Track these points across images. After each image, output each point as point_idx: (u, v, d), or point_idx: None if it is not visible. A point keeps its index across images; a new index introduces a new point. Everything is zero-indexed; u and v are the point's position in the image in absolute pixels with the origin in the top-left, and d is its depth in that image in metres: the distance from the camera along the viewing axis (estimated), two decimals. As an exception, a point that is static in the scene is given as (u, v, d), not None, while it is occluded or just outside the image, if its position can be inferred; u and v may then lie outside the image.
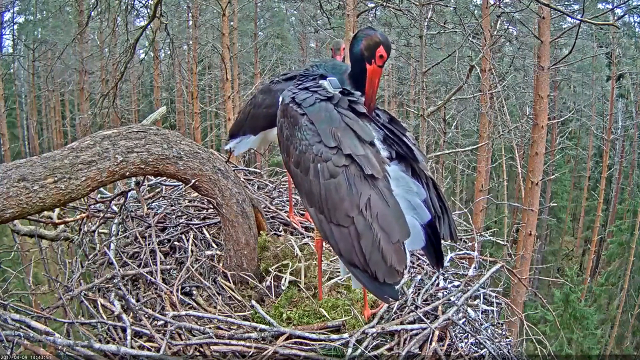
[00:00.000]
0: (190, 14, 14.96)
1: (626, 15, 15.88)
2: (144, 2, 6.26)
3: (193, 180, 2.58)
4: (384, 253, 1.84)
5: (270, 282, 2.77)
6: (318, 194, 1.99)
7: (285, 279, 2.73)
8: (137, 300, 2.47)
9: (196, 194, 3.08)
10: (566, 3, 15.37)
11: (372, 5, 9.53)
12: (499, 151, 15.11)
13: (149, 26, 5.89)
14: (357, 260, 1.88)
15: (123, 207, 3.09)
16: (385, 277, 1.85)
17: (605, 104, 20.03)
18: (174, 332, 2.24)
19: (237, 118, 3.70)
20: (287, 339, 2.22)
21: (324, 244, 2.37)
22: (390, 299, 2.07)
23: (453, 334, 2.45)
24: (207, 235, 3.07)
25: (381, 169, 1.95)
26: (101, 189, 2.88)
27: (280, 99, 2.30)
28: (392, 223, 1.87)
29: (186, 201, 3.47)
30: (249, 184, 3.86)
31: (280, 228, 3.41)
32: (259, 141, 3.53)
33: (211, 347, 2.18)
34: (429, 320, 2.37)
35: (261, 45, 20.05)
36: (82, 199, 2.65)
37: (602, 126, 19.62)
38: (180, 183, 3.00)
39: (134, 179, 2.94)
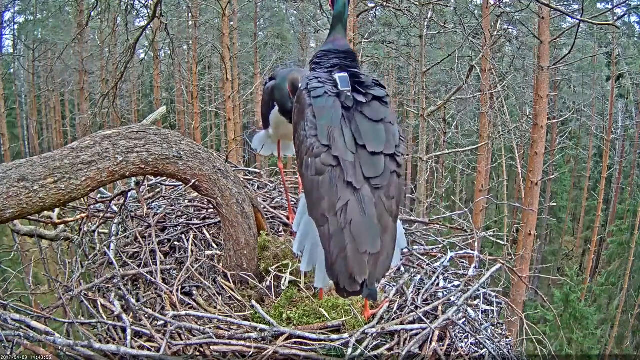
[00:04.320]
0: (190, 14, 14.95)
1: (626, 15, 15.88)
2: (144, 2, 6.24)
3: (193, 180, 2.58)
4: (348, 261, 1.83)
5: (270, 282, 2.76)
6: (305, 188, 2.01)
7: (285, 279, 2.73)
8: (137, 300, 2.47)
9: (196, 194, 3.08)
10: (566, 3, 15.35)
11: (372, 5, 9.53)
12: (499, 151, 15.10)
13: (149, 26, 5.88)
14: (327, 260, 1.90)
15: (123, 207, 3.09)
16: (345, 284, 1.85)
17: (605, 104, 20.02)
18: (174, 332, 2.23)
19: None
20: (287, 339, 2.22)
21: None
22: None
23: (453, 334, 2.45)
24: (207, 235, 3.06)
25: (364, 180, 1.93)
26: (101, 189, 2.88)
27: (300, 84, 2.29)
28: (363, 233, 1.85)
29: (186, 201, 3.47)
30: (249, 184, 3.86)
31: (280, 228, 3.41)
32: (272, 133, 3.55)
33: (211, 347, 2.18)
34: (429, 320, 2.37)
35: (261, 45, 20.05)
36: (82, 199, 2.65)
37: (602, 126, 19.62)
38: (180, 183, 3.00)
39: (134, 179, 2.95)
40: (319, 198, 1.92)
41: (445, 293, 2.77)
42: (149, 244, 2.83)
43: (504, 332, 2.83)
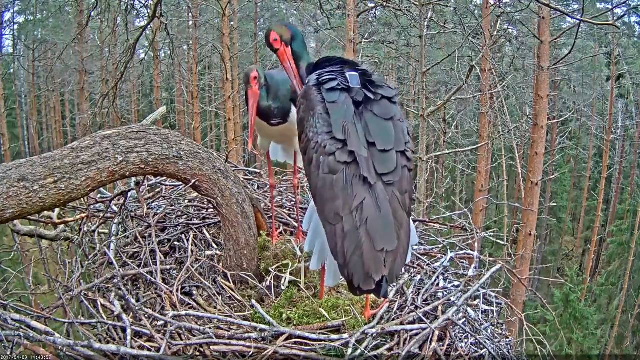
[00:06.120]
0: (190, 14, 14.94)
1: (626, 15, 15.88)
2: (144, 2, 6.24)
3: (193, 180, 2.58)
4: (364, 259, 1.83)
5: (270, 282, 2.77)
6: (315, 186, 2.00)
7: (285, 279, 2.73)
8: (137, 300, 2.47)
9: (196, 194, 3.08)
10: (566, 3, 15.34)
11: (372, 5, 9.53)
12: (499, 151, 15.09)
13: (149, 26, 5.88)
14: (338, 259, 1.90)
15: (123, 207, 3.09)
16: (360, 282, 1.85)
17: (605, 104, 20.01)
18: (174, 332, 2.23)
19: None
20: (287, 339, 2.22)
21: None
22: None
23: (453, 334, 2.45)
24: (207, 235, 3.07)
25: (377, 176, 1.93)
26: (101, 189, 2.88)
27: (307, 80, 2.28)
28: (380, 230, 1.86)
29: (186, 201, 3.47)
30: (249, 184, 3.86)
31: (281, 228, 3.41)
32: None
33: (211, 347, 2.18)
34: (429, 321, 2.37)
35: (261, 45, 20.01)
36: (82, 199, 2.65)
37: (602, 126, 19.60)
38: (180, 183, 3.00)
39: (134, 179, 2.95)
40: (333, 197, 1.91)
41: (445, 293, 2.77)
42: (149, 244, 2.83)
43: (503, 332, 2.84)
